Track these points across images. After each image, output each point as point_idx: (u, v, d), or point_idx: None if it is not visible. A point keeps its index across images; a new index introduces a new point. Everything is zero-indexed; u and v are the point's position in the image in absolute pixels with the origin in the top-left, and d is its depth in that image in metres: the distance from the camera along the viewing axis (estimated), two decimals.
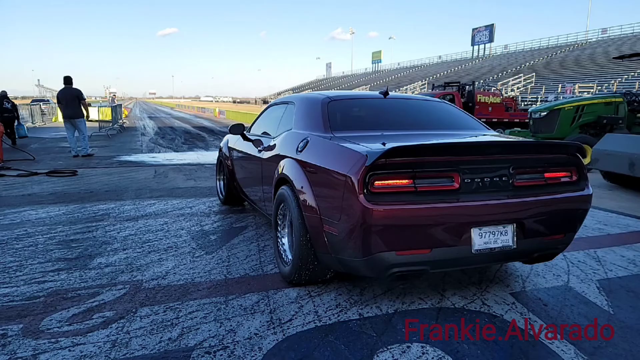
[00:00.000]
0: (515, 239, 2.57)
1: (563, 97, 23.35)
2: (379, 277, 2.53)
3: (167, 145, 13.18)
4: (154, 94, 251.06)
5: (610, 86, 30.77)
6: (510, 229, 2.57)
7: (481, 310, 2.70)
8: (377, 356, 2.22)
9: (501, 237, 2.55)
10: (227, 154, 5.30)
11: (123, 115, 25.52)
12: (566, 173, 2.74)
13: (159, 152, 11.53)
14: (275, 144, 3.65)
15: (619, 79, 33.29)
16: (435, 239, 2.43)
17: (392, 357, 2.21)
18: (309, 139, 3.06)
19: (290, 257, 3.20)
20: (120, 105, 23.97)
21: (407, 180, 2.40)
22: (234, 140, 5.17)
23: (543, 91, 34.76)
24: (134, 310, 2.70)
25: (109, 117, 19.32)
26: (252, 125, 4.86)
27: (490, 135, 3.24)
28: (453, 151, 2.46)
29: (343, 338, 2.38)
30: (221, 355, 2.23)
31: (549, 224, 2.67)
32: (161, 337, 2.38)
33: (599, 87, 30.52)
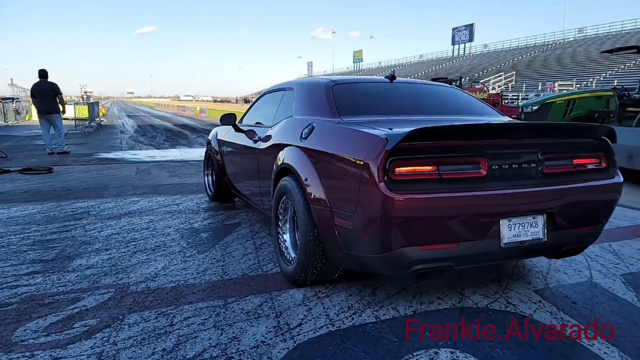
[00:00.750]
0: (545, 232, 2.35)
1: (543, 95, 23.57)
2: (399, 276, 2.28)
3: (149, 143, 12.73)
4: (132, 93, 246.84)
5: (589, 84, 31.26)
6: (540, 220, 2.34)
7: (507, 310, 2.46)
8: None
9: (531, 229, 2.32)
10: (217, 148, 4.98)
11: (100, 114, 24.76)
12: (594, 159, 2.53)
13: (140, 149, 11.09)
14: (273, 133, 3.37)
15: (597, 77, 33.86)
16: (462, 231, 2.19)
17: None
18: (314, 124, 2.78)
19: (293, 255, 2.92)
20: (98, 102, 23.24)
21: (430, 167, 2.15)
22: (224, 132, 4.87)
23: (524, 89, 35.13)
24: (121, 317, 2.39)
25: (85, 115, 18.67)
26: (244, 115, 4.56)
27: (508, 120, 3.02)
28: (480, 134, 2.21)
29: (362, 344, 2.12)
30: None
31: (580, 215, 2.46)
32: (154, 348, 2.08)
33: (578, 85, 30.96)
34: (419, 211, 2.10)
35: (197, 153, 10.10)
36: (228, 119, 4.13)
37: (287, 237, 3.02)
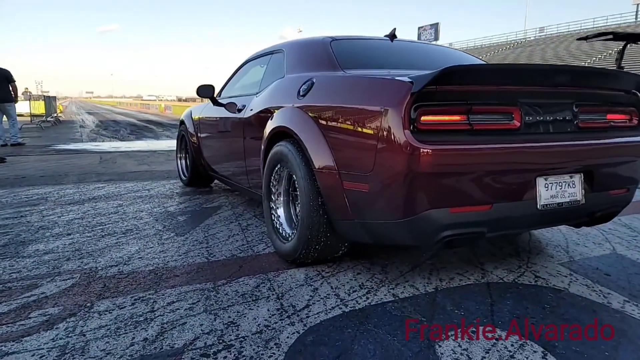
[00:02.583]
0: (583, 193, 2.08)
1: None
2: (423, 245, 1.95)
3: (112, 136, 12.01)
4: (92, 93, 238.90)
5: None
6: (577, 179, 2.07)
7: (538, 284, 2.18)
8: (440, 346, 1.64)
9: (569, 189, 2.05)
10: (192, 127, 4.54)
11: (58, 110, 23.52)
12: (626, 116, 2.29)
13: (103, 141, 10.41)
14: (261, 98, 2.99)
15: None
16: (497, 191, 1.89)
17: (460, 346, 1.64)
18: (314, 79, 2.43)
19: (289, 231, 2.56)
20: (55, 97, 22.02)
21: (460, 116, 1.84)
22: (199, 110, 4.44)
23: None
24: (88, 304, 1.97)
25: (42, 111, 17.63)
26: (222, 88, 4.15)
27: None
28: (515, 76, 1.91)
29: (385, 325, 1.78)
30: (225, 357, 1.56)
31: (616, 175, 2.21)
32: (133, 338, 1.68)
33: None
34: (450, 165, 1.78)
35: (166, 144, 9.54)
36: (206, 91, 3.70)
37: (281, 212, 2.66)
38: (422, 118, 1.79)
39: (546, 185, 1.98)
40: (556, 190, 2.01)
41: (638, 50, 28.93)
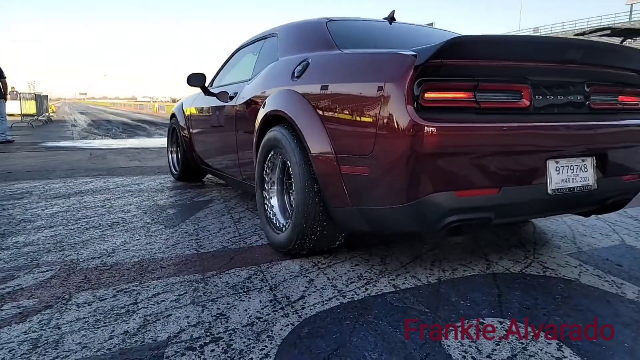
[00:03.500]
0: (595, 177, 1.97)
1: None
2: (426, 232, 1.83)
3: (104, 134, 11.82)
4: (85, 94, 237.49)
5: None
6: (589, 163, 1.96)
7: (547, 275, 2.07)
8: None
9: (580, 173, 1.93)
10: (183, 120, 4.40)
11: (50, 110, 23.25)
12: (637, 98, 2.18)
13: (94, 139, 10.22)
14: (253, 84, 2.87)
15: None
16: (505, 173, 1.77)
17: (468, 338, 1.52)
18: (309, 59, 2.30)
19: (283, 221, 2.43)
20: (47, 96, 21.76)
21: (466, 93, 1.72)
22: (190, 101, 4.31)
23: None
24: (66, 296, 1.82)
25: (33, 111, 17.40)
26: (214, 77, 4.02)
27: None
28: (524, 49, 1.78)
29: (386, 317, 1.66)
30: (212, 350, 1.43)
31: (629, 159, 2.10)
32: (112, 331, 1.54)
33: None
34: (455, 145, 1.66)
35: (159, 142, 9.37)
36: (196, 80, 3.55)
37: (274, 201, 2.52)
38: (426, 95, 1.67)
39: (557, 169, 1.87)
40: (567, 174, 1.89)
41: (635, 47, 29.02)
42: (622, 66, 2.06)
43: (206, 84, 3.71)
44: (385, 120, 1.71)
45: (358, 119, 1.84)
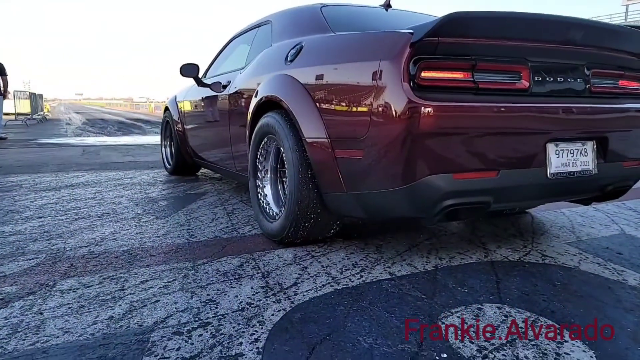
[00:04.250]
0: (595, 162, 1.92)
1: None
2: (424, 216, 1.78)
3: (98, 132, 11.73)
4: (81, 95, 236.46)
5: None
6: (589, 147, 1.91)
7: (546, 263, 2.02)
8: (443, 322, 1.46)
9: (581, 157, 1.89)
10: (176, 113, 4.34)
11: (45, 110, 23.11)
12: (637, 83, 2.14)
13: (88, 136, 10.13)
14: (246, 72, 2.81)
15: None
16: (504, 155, 1.72)
17: (466, 323, 1.46)
18: (303, 43, 2.25)
19: (276, 209, 2.37)
20: (42, 95, 21.63)
21: (464, 73, 1.67)
22: (183, 94, 4.25)
23: None
24: (50, 283, 1.76)
25: (27, 110, 17.28)
26: (207, 68, 3.96)
27: None
28: (525, 27, 1.73)
29: (381, 302, 1.60)
30: (200, 335, 1.37)
31: (630, 144, 2.05)
32: (97, 317, 1.48)
33: None
34: (453, 126, 1.61)
35: (154, 139, 9.30)
36: (189, 70, 3.48)
37: (267, 190, 2.47)
38: (423, 74, 1.62)
39: (557, 152, 1.82)
40: (567, 158, 1.85)
41: None
42: (624, 49, 2.01)
43: (200, 75, 3.65)
44: (380, 100, 1.65)
45: (352, 100, 1.79)
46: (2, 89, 8.49)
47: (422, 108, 1.55)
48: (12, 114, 16.56)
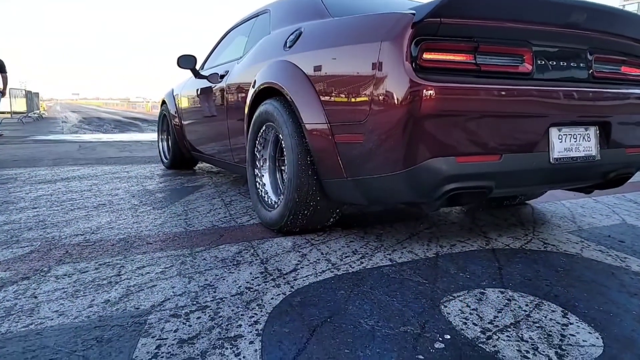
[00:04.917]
0: (598, 148, 1.90)
1: None
2: (424, 201, 1.75)
3: (95, 130, 11.67)
4: (78, 94, 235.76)
5: None
6: (592, 132, 1.89)
7: (548, 250, 2.00)
8: (445, 306, 1.44)
9: (584, 143, 1.87)
10: (173, 106, 4.31)
11: (41, 108, 23.02)
12: (638, 70, 2.12)
13: (85, 134, 10.07)
14: (244, 61, 2.78)
15: None
16: (507, 139, 1.69)
17: (468, 306, 1.44)
18: (302, 29, 2.23)
19: (275, 198, 2.35)
20: (38, 94, 21.53)
21: (466, 55, 1.64)
22: (181, 87, 4.21)
23: None
24: (45, 269, 1.73)
25: (23, 108, 17.21)
26: (205, 60, 3.93)
27: None
28: (527, 9, 1.71)
29: (382, 287, 1.58)
30: (199, 318, 1.34)
31: (632, 131, 2.03)
32: (92, 300, 1.45)
33: None
34: (456, 108, 1.58)
35: (151, 136, 9.25)
36: (187, 61, 3.46)
37: (266, 179, 2.44)
38: (425, 55, 1.59)
39: (560, 137, 1.80)
40: (570, 142, 1.83)
41: None
42: (627, 35, 1.99)
43: (197, 67, 3.62)
44: (382, 83, 1.63)
45: (353, 84, 1.77)
46: (1, 86, 8.43)
47: (424, 90, 1.53)
48: (8, 112, 16.48)
